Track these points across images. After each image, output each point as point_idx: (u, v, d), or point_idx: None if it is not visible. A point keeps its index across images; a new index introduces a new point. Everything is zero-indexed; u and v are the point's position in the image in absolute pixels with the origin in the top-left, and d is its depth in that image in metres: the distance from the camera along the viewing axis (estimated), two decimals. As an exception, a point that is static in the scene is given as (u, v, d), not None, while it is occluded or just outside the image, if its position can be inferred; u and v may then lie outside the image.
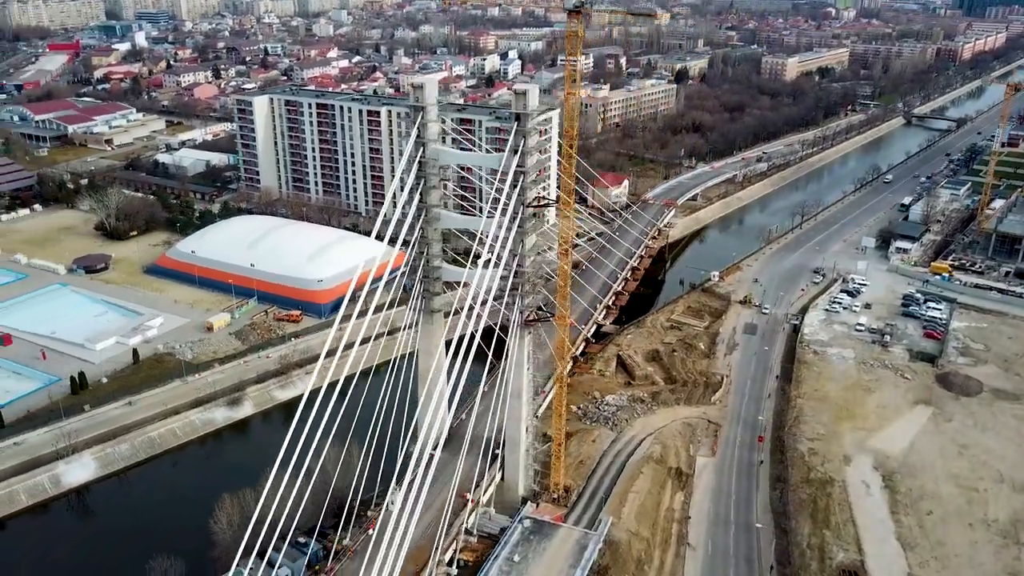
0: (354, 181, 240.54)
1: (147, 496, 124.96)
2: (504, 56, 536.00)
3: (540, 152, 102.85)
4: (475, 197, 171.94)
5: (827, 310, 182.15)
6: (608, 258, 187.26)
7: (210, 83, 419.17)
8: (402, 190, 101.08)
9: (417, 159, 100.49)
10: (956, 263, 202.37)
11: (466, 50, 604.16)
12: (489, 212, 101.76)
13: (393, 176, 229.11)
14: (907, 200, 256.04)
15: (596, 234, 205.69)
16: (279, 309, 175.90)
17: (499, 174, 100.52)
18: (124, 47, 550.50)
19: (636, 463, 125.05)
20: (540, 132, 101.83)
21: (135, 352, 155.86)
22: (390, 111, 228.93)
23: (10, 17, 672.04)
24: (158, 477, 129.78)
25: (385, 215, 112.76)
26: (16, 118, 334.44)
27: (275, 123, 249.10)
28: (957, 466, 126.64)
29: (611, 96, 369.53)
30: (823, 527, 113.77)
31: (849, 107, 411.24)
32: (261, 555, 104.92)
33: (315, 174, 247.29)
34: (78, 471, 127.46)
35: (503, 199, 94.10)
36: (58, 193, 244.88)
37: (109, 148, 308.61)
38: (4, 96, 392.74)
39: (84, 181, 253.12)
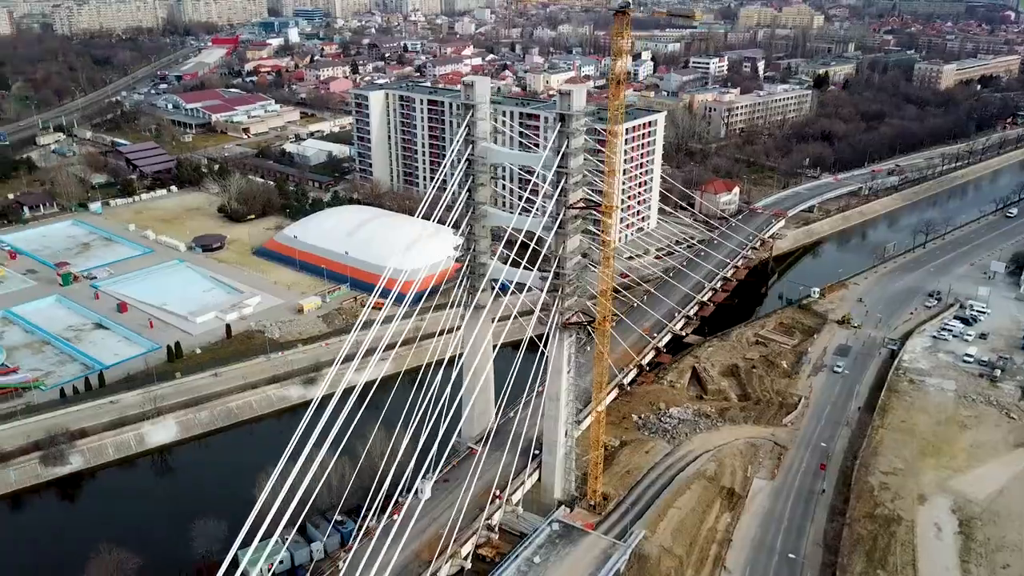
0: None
1: (216, 461, 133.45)
2: (636, 57, 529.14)
3: (586, 154, 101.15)
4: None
5: (934, 337, 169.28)
6: (699, 267, 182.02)
7: (347, 78, 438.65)
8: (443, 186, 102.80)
9: (466, 157, 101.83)
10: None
11: (602, 50, 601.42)
12: (534, 212, 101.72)
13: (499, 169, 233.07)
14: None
15: (696, 241, 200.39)
16: (367, 296, 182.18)
17: (545, 174, 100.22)
18: (277, 42, 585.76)
19: (686, 478, 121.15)
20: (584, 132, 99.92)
21: (228, 327, 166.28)
22: (495, 108, 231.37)
23: (184, 13, 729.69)
24: (230, 445, 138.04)
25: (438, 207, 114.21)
26: (170, 106, 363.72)
27: (389, 117, 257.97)
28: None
29: (737, 100, 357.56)
30: (878, 567, 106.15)
31: (1008, 120, 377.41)
32: (302, 529, 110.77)
33: (424, 168, 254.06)
34: (161, 432, 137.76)
35: (538, 200, 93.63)
36: (192, 176, 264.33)
37: (245, 136, 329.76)
38: (165, 85, 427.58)
39: (216, 166, 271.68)
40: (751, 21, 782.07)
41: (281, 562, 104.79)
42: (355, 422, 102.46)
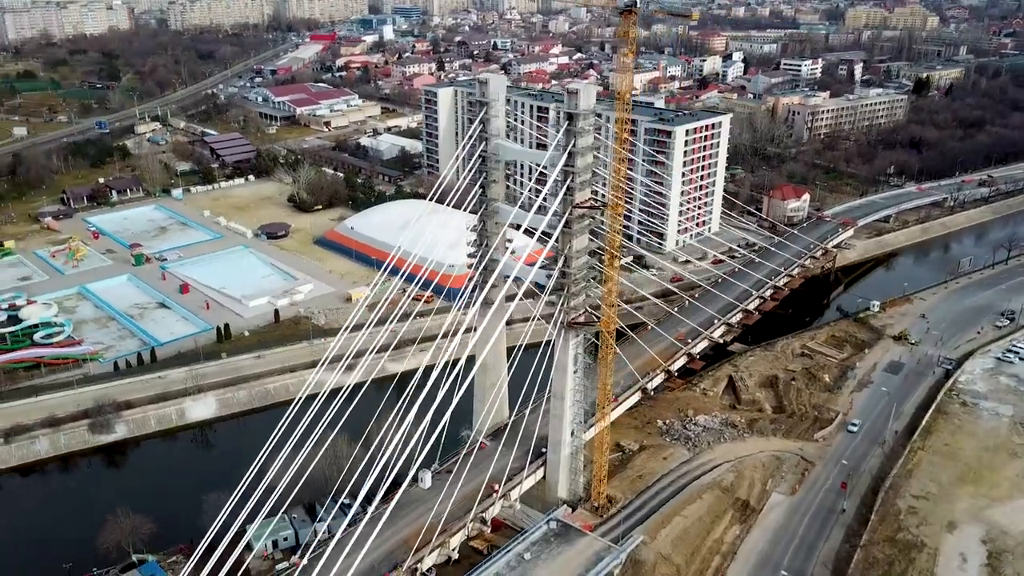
0: (520, 174, 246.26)
1: (247, 439, 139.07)
2: (728, 58, 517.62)
3: (595, 152, 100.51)
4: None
5: (999, 359, 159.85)
6: (750, 275, 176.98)
7: (432, 75, 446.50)
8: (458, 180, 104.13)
9: (479, 153, 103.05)
10: None
11: (694, 50, 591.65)
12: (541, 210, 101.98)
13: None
14: None
15: (757, 248, 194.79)
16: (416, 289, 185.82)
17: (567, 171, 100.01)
18: (372, 39, 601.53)
19: (699, 487, 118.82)
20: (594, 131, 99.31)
21: (276, 312, 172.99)
22: (558, 108, 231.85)
23: (288, 10, 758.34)
24: (264, 424, 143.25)
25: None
26: (260, 99, 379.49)
27: (457, 114, 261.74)
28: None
29: (823, 104, 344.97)
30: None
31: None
32: (310, 510, 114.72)
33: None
34: (200, 408, 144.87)
35: (538, 198, 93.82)
36: (268, 166, 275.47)
37: (326, 129, 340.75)
38: (260, 79, 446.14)
39: (293, 158, 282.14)
40: (858, 22, 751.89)
41: (286, 539, 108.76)
42: (378, 410, 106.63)
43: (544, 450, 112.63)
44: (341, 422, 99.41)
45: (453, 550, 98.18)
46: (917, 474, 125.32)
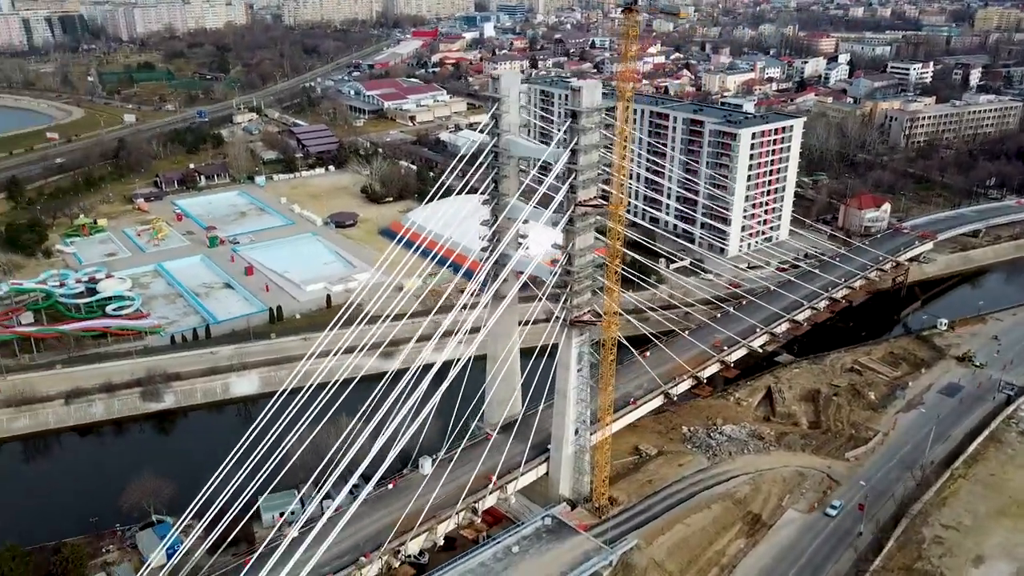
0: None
1: (281, 416, 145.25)
2: (833, 60, 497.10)
3: (604, 149, 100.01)
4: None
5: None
6: (808, 283, 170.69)
7: (522, 72, 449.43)
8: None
9: (489, 148, 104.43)
10: None
11: (801, 52, 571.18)
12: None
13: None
14: None
15: (826, 257, 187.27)
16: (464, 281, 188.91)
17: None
18: (471, 36, 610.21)
19: (709, 496, 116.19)
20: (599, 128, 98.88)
21: (328, 297, 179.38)
22: (627, 107, 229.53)
23: (396, 7, 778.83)
24: (301, 403, 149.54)
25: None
26: (352, 92, 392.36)
27: (531, 112, 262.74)
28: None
29: (923, 110, 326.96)
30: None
31: None
32: (321, 487, 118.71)
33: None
34: (244, 384, 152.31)
35: (531, 194, 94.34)
36: (348, 158, 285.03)
37: (411, 124, 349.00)
38: (357, 73, 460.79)
39: (372, 150, 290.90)
40: (988, 23, 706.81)
41: (292, 512, 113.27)
42: (394, 397, 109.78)
43: (549, 447, 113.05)
44: (368, 407, 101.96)
45: (440, 537, 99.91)
46: (952, 503, 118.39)
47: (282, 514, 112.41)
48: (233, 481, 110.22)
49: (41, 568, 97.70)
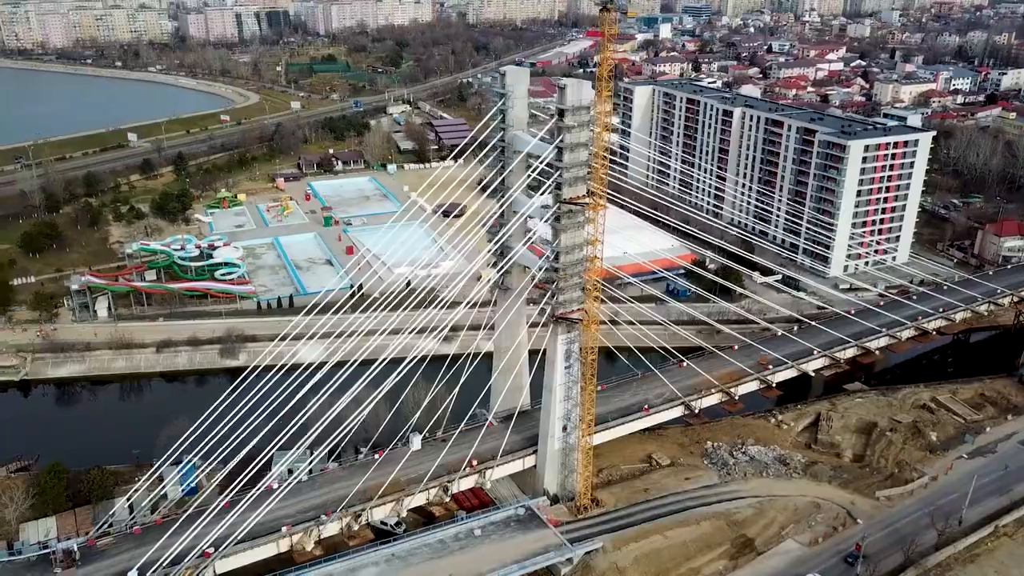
0: (701, 178, 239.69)
1: (326, 383, 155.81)
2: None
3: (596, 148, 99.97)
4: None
5: None
6: (896, 311, 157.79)
7: (681, 75, 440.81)
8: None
9: (495, 143, 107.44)
10: None
11: (1008, 62, 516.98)
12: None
13: (738, 175, 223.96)
14: None
15: (946, 286, 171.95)
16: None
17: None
18: (644, 37, 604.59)
19: (703, 513, 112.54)
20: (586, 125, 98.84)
21: (408, 281, 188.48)
22: (744, 113, 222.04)
23: (579, 6, 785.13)
24: (356, 376, 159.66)
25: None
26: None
27: (652, 114, 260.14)
28: None
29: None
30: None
31: None
32: (333, 451, 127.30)
33: (675, 167, 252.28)
34: (309, 352, 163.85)
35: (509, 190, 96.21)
36: (477, 151, 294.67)
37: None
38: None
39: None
40: None
41: (290, 470, 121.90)
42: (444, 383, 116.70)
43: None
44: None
45: (404, 509, 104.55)
46: (984, 561, 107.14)
47: (291, 471, 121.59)
48: (261, 436, 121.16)
49: (73, 487, 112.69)
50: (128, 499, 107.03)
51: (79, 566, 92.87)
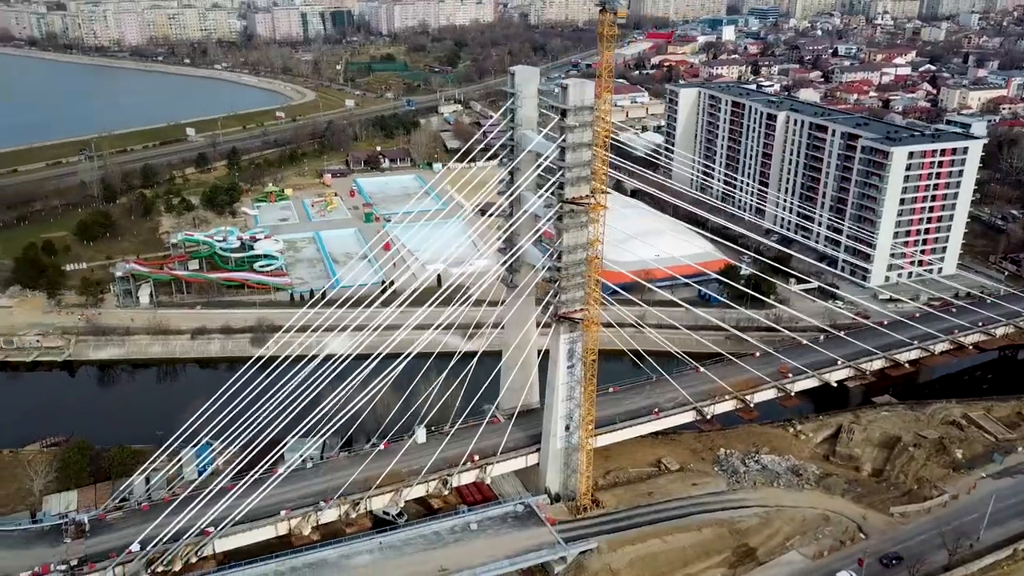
0: (744, 183, 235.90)
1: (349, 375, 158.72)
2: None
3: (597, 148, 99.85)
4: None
5: None
6: (931, 324, 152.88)
7: (739, 77, 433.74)
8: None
9: (503, 141, 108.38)
10: None
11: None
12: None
13: (781, 181, 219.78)
14: None
15: (991, 300, 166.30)
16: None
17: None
18: (705, 39, 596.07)
19: (705, 519, 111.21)
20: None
21: (439, 277, 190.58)
22: (788, 117, 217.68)
23: (644, 7, 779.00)
24: (378, 369, 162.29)
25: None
26: (556, 90, 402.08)
27: (698, 116, 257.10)
28: None
29: None
30: None
31: None
32: (348, 442, 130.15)
33: (719, 170, 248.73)
34: (335, 344, 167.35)
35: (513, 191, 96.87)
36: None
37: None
38: (575, 72, 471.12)
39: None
40: None
41: (311, 457, 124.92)
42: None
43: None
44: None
45: (402, 500, 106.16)
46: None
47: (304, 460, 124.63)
48: (279, 424, 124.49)
49: (96, 463, 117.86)
50: (143, 472, 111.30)
51: (88, 537, 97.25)
